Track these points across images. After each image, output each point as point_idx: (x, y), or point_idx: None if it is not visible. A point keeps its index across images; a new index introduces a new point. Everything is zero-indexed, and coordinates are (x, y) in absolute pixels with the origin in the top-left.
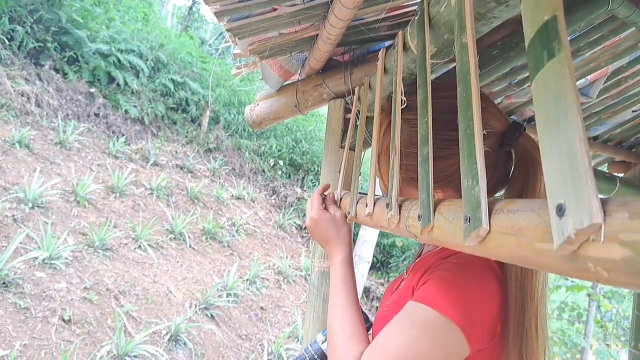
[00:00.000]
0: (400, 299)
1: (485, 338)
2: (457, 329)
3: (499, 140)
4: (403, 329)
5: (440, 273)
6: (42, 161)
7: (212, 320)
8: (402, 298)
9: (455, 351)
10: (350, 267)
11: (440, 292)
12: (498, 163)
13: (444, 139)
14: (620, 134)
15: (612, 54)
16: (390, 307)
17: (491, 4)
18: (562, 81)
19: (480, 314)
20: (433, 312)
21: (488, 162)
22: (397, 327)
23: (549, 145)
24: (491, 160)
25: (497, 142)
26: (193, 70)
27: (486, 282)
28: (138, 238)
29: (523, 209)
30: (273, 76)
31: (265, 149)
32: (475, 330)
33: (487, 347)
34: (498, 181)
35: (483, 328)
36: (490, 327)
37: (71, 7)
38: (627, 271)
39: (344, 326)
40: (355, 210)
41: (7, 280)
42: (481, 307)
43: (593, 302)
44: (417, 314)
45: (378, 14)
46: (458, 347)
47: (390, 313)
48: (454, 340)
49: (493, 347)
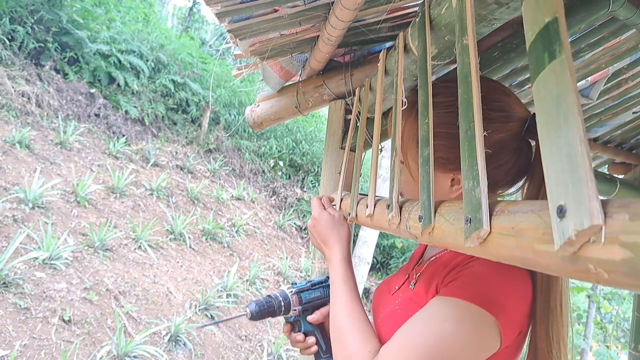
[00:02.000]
0: (416, 296)
1: (515, 334)
2: (494, 322)
3: (522, 125)
4: (431, 324)
5: (473, 269)
6: (43, 161)
7: (212, 321)
8: (420, 296)
9: (489, 345)
10: (350, 265)
11: (475, 287)
12: (521, 150)
13: None
14: (620, 135)
15: (612, 56)
16: (403, 305)
17: (492, 5)
18: (563, 83)
19: (515, 310)
20: (469, 305)
21: (511, 147)
22: (422, 323)
23: (549, 147)
24: (514, 145)
25: (520, 127)
26: (193, 71)
27: (521, 279)
28: (138, 238)
29: (523, 210)
30: (274, 77)
31: (266, 149)
32: (510, 325)
33: (512, 344)
34: (519, 170)
35: (515, 324)
36: (522, 324)
37: (72, 7)
38: (627, 272)
39: (353, 322)
40: (355, 211)
41: (7, 280)
42: (517, 304)
43: (593, 303)
44: (449, 309)
45: (379, 15)
46: (492, 341)
47: (404, 311)
48: (489, 334)
49: (517, 344)
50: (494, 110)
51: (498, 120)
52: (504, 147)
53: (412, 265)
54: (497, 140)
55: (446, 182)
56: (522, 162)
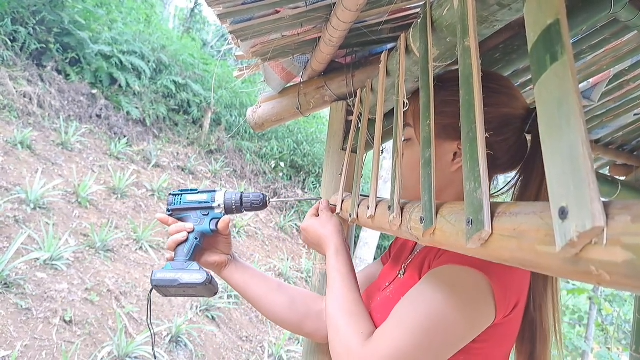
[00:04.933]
0: (409, 280)
1: (511, 304)
2: (487, 283)
3: (524, 113)
4: (423, 297)
5: None
6: (44, 162)
7: (213, 322)
8: (413, 279)
9: (484, 310)
10: (344, 256)
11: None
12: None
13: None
14: (622, 137)
15: (614, 57)
16: (395, 291)
17: (494, 7)
18: (564, 85)
19: (510, 276)
20: (460, 268)
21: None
22: (415, 298)
23: (551, 148)
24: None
25: (523, 113)
26: (195, 72)
27: None
28: (139, 239)
29: (525, 212)
30: (275, 78)
31: (267, 150)
32: (504, 290)
33: (502, 323)
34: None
35: (509, 290)
36: (518, 293)
37: (74, 8)
38: (629, 274)
39: (343, 307)
40: (357, 212)
41: (8, 281)
42: (511, 271)
43: (594, 305)
44: (440, 278)
45: (380, 17)
46: (487, 306)
47: (396, 296)
48: (483, 297)
49: (505, 325)
50: (502, 86)
51: (505, 95)
52: (509, 123)
53: (403, 259)
54: (504, 113)
55: (449, 154)
56: (521, 146)
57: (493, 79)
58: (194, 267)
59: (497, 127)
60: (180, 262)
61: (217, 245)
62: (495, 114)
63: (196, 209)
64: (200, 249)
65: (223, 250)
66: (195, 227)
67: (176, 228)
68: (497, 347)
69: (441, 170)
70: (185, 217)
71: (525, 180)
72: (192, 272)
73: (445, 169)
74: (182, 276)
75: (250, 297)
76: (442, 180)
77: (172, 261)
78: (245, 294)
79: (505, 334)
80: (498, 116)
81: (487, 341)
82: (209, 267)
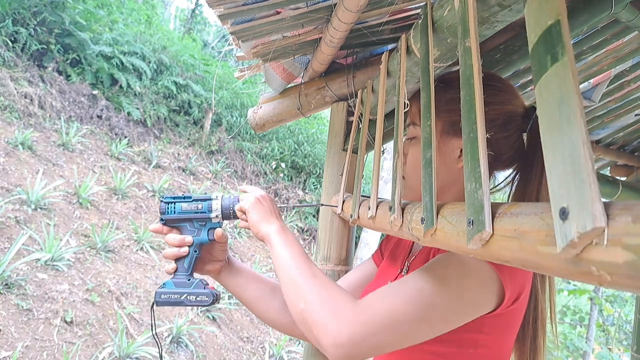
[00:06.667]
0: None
1: (512, 299)
2: (494, 272)
3: (523, 112)
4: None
5: None
6: (45, 163)
7: (213, 323)
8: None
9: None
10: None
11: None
12: (522, 132)
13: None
14: (622, 137)
15: (614, 58)
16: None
17: (494, 8)
18: (565, 85)
19: (516, 270)
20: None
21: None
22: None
23: (552, 149)
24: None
25: (522, 112)
26: (196, 73)
27: None
28: (140, 240)
29: (526, 212)
30: (276, 79)
31: (267, 151)
32: (511, 281)
33: (504, 314)
34: (519, 149)
35: (514, 285)
36: (519, 289)
37: (74, 9)
38: (630, 274)
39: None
40: (358, 213)
41: (9, 281)
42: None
43: (595, 305)
44: (442, 260)
45: (381, 17)
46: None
47: None
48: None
49: (507, 316)
50: (504, 85)
51: (508, 93)
52: (513, 120)
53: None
54: (508, 111)
55: (456, 151)
56: (521, 144)
57: (494, 79)
58: (198, 286)
59: (502, 123)
60: (182, 279)
61: (213, 252)
62: (500, 111)
63: (192, 220)
64: (199, 260)
65: (218, 257)
66: (193, 239)
67: (177, 241)
68: (500, 339)
69: (448, 167)
70: (180, 227)
71: (524, 179)
72: (198, 292)
73: (452, 166)
74: (188, 297)
75: (244, 301)
76: (448, 177)
77: (172, 276)
78: (240, 298)
79: (507, 326)
80: (503, 113)
81: (490, 333)
82: (205, 274)
